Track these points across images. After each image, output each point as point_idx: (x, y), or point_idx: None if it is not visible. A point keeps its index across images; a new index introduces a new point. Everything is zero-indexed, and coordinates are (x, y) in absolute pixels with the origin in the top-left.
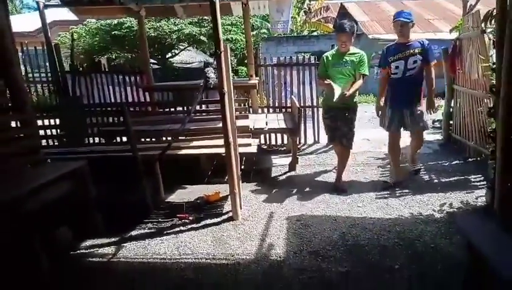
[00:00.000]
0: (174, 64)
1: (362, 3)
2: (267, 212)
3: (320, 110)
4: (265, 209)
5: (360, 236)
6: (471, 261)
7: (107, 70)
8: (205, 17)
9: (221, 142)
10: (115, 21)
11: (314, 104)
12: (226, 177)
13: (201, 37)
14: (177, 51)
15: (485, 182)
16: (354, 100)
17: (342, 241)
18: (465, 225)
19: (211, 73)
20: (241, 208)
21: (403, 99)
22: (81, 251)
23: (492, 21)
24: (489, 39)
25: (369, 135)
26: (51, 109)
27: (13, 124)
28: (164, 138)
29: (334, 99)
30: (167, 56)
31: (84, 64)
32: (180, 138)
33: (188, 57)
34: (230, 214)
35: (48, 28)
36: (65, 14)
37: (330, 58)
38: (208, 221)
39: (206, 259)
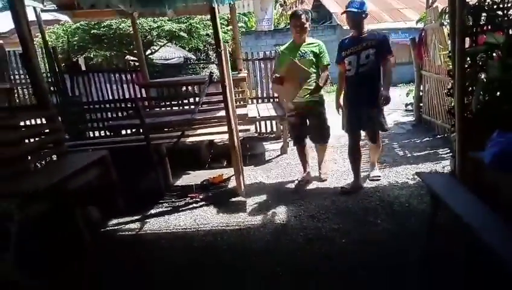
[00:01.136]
0: (154, 61)
1: None
2: (266, 188)
3: None
4: (265, 186)
5: (347, 201)
6: (431, 204)
7: (102, 69)
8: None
9: (224, 129)
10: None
11: None
12: (225, 162)
13: (181, 33)
14: (156, 48)
15: (451, 154)
16: (321, 94)
17: (333, 206)
18: (429, 179)
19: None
20: (243, 187)
21: (358, 98)
22: (110, 228)
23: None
24: (447, 31)
25: None
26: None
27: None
28: (170, 128)
29: (300, 97)
30: (147, 53)
31: (62, 64)
32: (187, 127)
33: (167, 53)
34: (236, 191)
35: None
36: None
37: (286, 51)
38: (217, 198)
39: (221, 226)
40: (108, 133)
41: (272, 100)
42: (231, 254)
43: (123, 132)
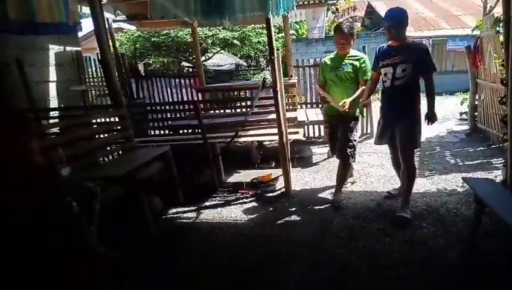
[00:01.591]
0: (208, 67)
1: (389, 1)
2: (313, 188)
3: None
4: (311, 186)
5: (392, 205)
6: (476, 209)
7: (164, 74)
8: None
9: (274, 131)
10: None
11: None
12: (273, 164)
13: (234, 41)
14: (210, 54)
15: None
16: (355, 109)
17: (378, 208)
18: (474, 184)
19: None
20: (291, 185)
21: (392, 110)
22: (169, 216)
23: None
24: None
25: None
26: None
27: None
28: (223, 129)
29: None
30: (202, 59)
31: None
32: (240, 128)
33: (219, 59)
34: (283, 190)
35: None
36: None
37: (328, 62)
38: (265, 195)
39: (269, 220)
40: (167, 132)
41: (320, 105)
42: (278, 244)
43: (181, 131)
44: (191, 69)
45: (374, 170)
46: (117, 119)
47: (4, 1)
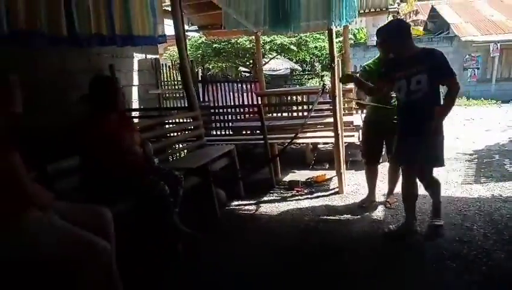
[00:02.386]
0: (264, 72)
1: (455, 4)
2: (365, 190)
3: None
4: (364, 188)
5: (445, 208)
6: None
7: (228, 79)
8: None
9: (330, 134)
10: None
11: None
12: (327, 166)
13: (291, 46)
14: (266, 60)
15: None
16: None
17: (430, 210)
18: None
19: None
20: (345, 186)
21: (410, 126)
22: (232, 207)
23: None
24: None
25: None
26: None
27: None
28: (280, 131)
29: None
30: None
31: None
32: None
33: (275, 64)
34: (336, 189)
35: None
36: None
37: (369, 67)
38: (319, 194)
39: (323, 216)
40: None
41: None
42: (332, 236)
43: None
44: (247, 74)
45: None
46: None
47: (112, 18)
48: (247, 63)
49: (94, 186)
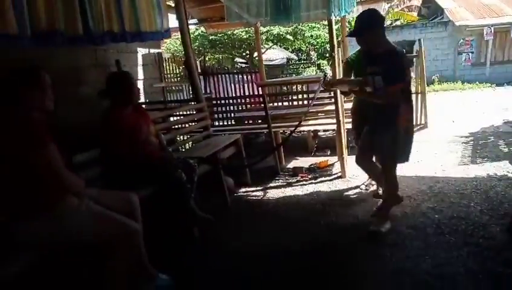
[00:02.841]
0: None
1: None
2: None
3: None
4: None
5: (443, 187)
6: None
7: (229, 71)
8: None
9: (331, 121)
10: None
11: None
12: (328, 152)
13: (287, 36)
14: (263, 50)
15: None
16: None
17: (429, 191)
18: None
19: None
20: (346, 170)
21: (372, 120)
22: (240, 194)
23: None
24: None
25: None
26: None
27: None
28: (283, 119)
29: None
30: (254, 55)
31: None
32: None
33: (271, 54)
34: (339, 174)
35: None
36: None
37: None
38: (323, 179)
39: (328, 198)
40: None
41: None
42: (336, 217)
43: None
44: (243, 65)
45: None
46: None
47: (122, 16)
48: (244, 54)
49: (116, 175)
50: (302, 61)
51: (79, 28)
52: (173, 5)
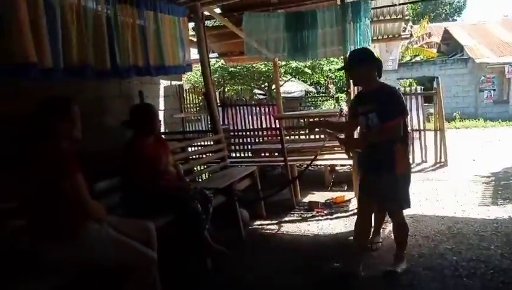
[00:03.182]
0: None
1: (467, 25)
2: None
3: (427, 133)
4: None
5: (463, 228)
6: None
7: (247, 103)
8: None
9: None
10: None
11: (421, 127)
12: (345, 187)
13: (306, 69)
14: (281, 82)
15: None
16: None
17: (448, 231)
18: None
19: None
20: None
21: (368, 164)
22: (255, 227)
23: None
24: None
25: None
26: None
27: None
28: (298, 153)
29: None
30: (272, 87)
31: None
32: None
33: (289, 86)
34: (355, 210)
35: None
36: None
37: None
38: (339, 214)
39: (342, 236)
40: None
41: None
42: (350, 254)
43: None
44: (262, 96)
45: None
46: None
47: (147, 51)
48: (262, 85)
49: (135, 203)
50: (321, 94)
51: (107, 62)
52: (195, 39)
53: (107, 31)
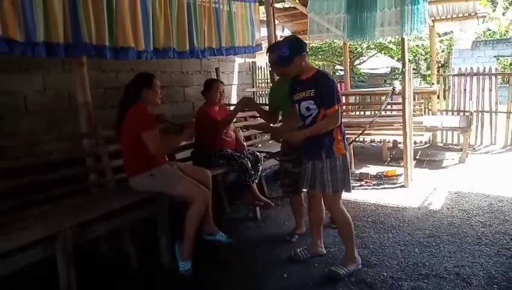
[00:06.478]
0: (361, 70)
1: None
2: (433, 185)
3: (499, 115)
4: (432, 184)
5: (504, 207)
6: None
7: None
8: None
9: (400, 132)
10: None
11: (493, 109)
12: (402, 163)
13: (390, 45)
14: (365, 58)
15: None
16: None
17: (488, 207)
18: None
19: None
20: (411, 180)
21: (304, 152)
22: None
23: None
24: None
25: None
26: None
27: None
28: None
29: None
30: (355, 63)
31: None
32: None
33: (374, 63)
34: (403, 184)
35: None
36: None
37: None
38: (386, 186)
39: (387, 204)
40: None
41: (461, 113)
42: (387, 218)
43: None
44: (342, 72)
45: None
46: None
47: (220, 34)
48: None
49: (200, 155)
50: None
51: (187, 45)
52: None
53: (187, 16)
